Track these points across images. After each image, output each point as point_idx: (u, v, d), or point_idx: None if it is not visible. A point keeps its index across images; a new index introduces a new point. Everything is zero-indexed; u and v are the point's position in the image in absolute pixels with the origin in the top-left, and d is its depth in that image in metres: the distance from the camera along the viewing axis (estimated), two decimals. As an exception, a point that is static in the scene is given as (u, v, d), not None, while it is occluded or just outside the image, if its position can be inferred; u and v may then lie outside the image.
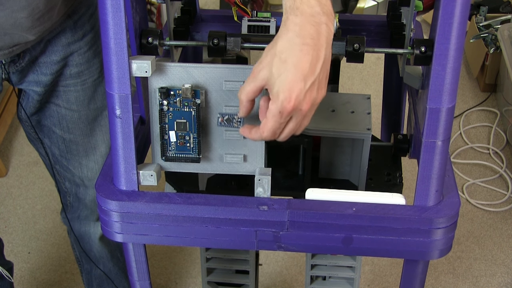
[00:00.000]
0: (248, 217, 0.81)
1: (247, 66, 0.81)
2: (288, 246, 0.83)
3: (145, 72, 0.78)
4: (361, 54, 0.82)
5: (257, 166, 0.85)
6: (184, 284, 1.81)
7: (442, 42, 0.74)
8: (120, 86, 0.78)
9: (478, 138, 2.29)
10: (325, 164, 0.98)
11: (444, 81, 0.75)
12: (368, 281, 1.81)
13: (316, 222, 0.80)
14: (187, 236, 0.83)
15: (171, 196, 0.83)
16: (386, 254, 0.83)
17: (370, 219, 0.80)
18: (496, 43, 2.31)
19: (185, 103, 0.81)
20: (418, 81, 0.84)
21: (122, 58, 0.77)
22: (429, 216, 0.80)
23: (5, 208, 2.04)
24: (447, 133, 0.78)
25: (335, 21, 0.91)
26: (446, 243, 0.82)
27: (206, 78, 0.81)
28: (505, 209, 2.02)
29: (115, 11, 0.75)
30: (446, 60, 0.74)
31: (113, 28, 0.75)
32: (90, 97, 1.17)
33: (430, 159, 0.79)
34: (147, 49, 0.84)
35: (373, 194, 0.82)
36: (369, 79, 2.55)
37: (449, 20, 0.73)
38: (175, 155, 0.85)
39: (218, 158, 0.85)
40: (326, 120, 0.92)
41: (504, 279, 1.82)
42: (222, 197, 0.83)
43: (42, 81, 1.11)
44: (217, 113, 0.82)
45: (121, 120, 0.80)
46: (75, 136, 1.21)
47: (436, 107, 0.76)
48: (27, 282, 1.82)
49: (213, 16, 1.09)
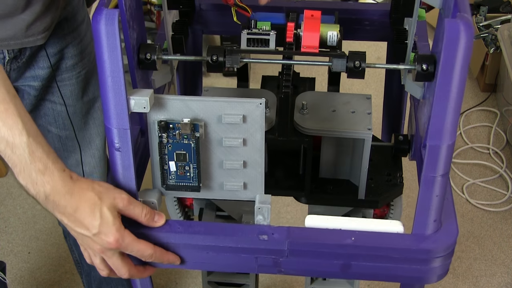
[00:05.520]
0: (249, 246, 0.82)
1: (246, 99, 0.80)
2: (288, 270, 0.84)
3: (143, 108, 0.78)
4: (362, 71, 0.81)
5: (257, 192, 0.86)
6: (184, 284, 1.81)
7: (443, 84, 0.72)
8: (119, 121, 0.78)
9: (478, 138, 2.29)
10: (326, 164, 0.98)
11: (445, 121, 0.74)
12: (368, 281, 1.81)
13: (315, 251, 0.81)
14: (188, 261, 0.84)
15: (172, 224, 0.83)
16: (383, 279, 0.84)
17: (368, 249, 0.81)
18: (496, 43, 2.31)
19: (185, 136, 0.81)
20: (420, 91, 0.84)
21: (120, 95, 0.76)
22: (427, 246, 0.80)
23: (5, 208, 2.03)
24: (447, 167, 0.78)
25: (336, 32, 0.90)
26: (443, 269, 0.83)
27: (205, 111, 0.80)
28: (505, 209, 2.02)
29: (111, 50, 0.74)
30: (447, 101, 0.73)
31: (110, 67, 0.74)
32: (83, 89, 1.18)
33: (429, 192, 0.79)
34: (145, 64, 0.83)
35: (371, 221, 0.83)
36: (369, 79, 2.55)
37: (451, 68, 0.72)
38: (176, 184, 0.86)
39: (218, 186, 0.86)
40: (327, 120, 0.92)
41: (504, 279, 1.82)
42: (222, 225, 0.84)
43: (39, 75, 1.11)
44: (216, 144, 0.83)
45: (120, 153, 0.80)
46: (70, 132, 1.21)
47: (436, 144, 0.76)
48: (27, 282, 1.82)
49: (213, 4, 1.08)
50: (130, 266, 0.82)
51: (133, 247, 0.79)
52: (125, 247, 0.78)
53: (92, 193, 0.76)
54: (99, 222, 0.76)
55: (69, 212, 0.76)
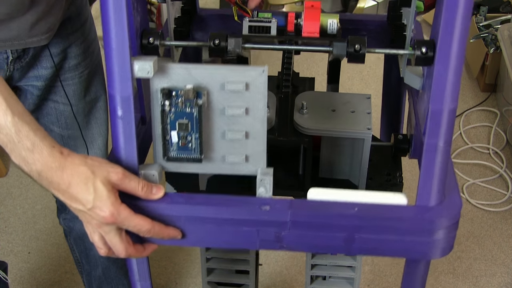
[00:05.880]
0: (250, 217, 0.81)
1: (249, 67, 0.80)
2: (290, 246, 0.83)
3: (147, 73, 0.78)
4: (362, 55, 0.81)
5: (258, 166, 0.85)
6: (184, 284, 1.81)
7: (444, 42, 0.74)
8: (122, 87, 0.78)
9: (478, 138, 2.29)
10: (326, 164, 0.98)
11: (446, 82, 0.75)
12: (368, 281, 1.81)
13: (318, 222, 0.80)
14: (188, 236, 0.83)
15: (173, 196, 0.82)
16: (387, 253, 0.83)
17: (372, 220, 0.80)
18: (496, 43, 2.31)
19: (187, 104, 0.81)
20: (419, 82, 0.84)
21: (124, 58, 0.76)
22: (431, 216, 0.79)
23: (5, 208, 2.04)
24: (449, 134, 0.78)
25: (336, 21, 0.91)
26: (447, 242, 0.82)
27: (208, 79, 0.81)
28: (505, 209, 2.02)
29: (117, 11, 0.74)
30: (449, 61, 0.74)
31: (114, 29, 0.75)
32: (86, 89, 1.18)
33: (432, 160, 0.79)
34: (148, 49, 0.84)
35: (375, 193, 0.82)
36: (369, 79, 2.55)
37: (452, 21, 0.73)
38: (177, 155, 0.85)
39: (219, 158, 0.85)
40: (326, 119, 0.92)
41: (504, 279, 1.82)
42: (224, 197, 0.82)
43: (42, 75, 1.12)
44: (219, 113, 0.82)
45: (123, 121, 0.79)
46: (73, 132, 1.21)
47: (438, 108, 0.76)
48: (27, 282, 1.82)
49: (213, 15, 1.09)
50: (127, 245, 0.80)
51: (130, 222, 0.77)
52: (121, 221, 0.77)
53: (85, 167, 0.75)
54: (93, 196, 0.75)
55: (63, 188, 0.75)
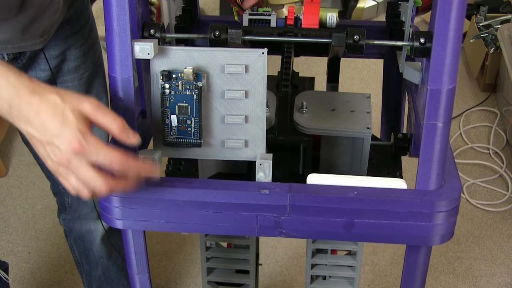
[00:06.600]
0: (249, 201, 0.81)
1: (249, 49, 0.81)
2: (289, 232, 0.83)
3: (148, 54, 0.79)
4: (361, 46, 0.82)
5: (258, 151, 0.86)
6: (184, 284, 1.82)
7: (442, 22, 0.74)
8: (123, 68, 0.79)
9: (478, 138, 2.29)
10: (325, 163, 0.98)
11: (445, 62, 0.76)
12: (368, 281, 1.81)
13: (317, 206, 0.80)
14: (187, 221, 0.83)
15: (172, 181, 0.83)
16: (387, 239, 0.83)
17: (371, 203, 0.80)
18: (496, 43, 2.31)
19: (187, 86, 0.82)
20: (418, 76, 0.85)
21: (125, 40, 0.77)
22: (431, 199, 0.80)
23: (5, 208, 2.04)
24: (448, 115, 0.78)
25: (335, 15, 0.92)
26: (447, 228, 0.82)
27: (208, 62, 0.81)
28: (505, 209, 2.02)
29: None
30: (446, 40, 0.75)
31: (116, 10, 0.76)
32: (86, 91, 1.18)
33: (431, 142, 0.79)
34: None
35: (374, 179, 0.82)
36: (369, 79, 2.55)
37: (449, 1, 0.74)
38: (176, 140, 0.85)
39: (219, 143, 0.86)
40: (326, 119, 0.93)
41: (504, 279, 1.82)
42: (223, 181, 0.83)
43: (40, 77, 1.11)
44: (218, 97, 0.83)
45: (123, 103, 0.80)
46: None
47: (436, 88, 0.77)
48: (27, 282, 1.82)
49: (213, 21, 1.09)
50: (106, 177, 0.74)
51: (99, 151, 0.71)
52: (89, 151, 0.71)
53: (56, 95, 0.71)
54: (60, 123, 0.70)
55: (32, 117, 0.71)
